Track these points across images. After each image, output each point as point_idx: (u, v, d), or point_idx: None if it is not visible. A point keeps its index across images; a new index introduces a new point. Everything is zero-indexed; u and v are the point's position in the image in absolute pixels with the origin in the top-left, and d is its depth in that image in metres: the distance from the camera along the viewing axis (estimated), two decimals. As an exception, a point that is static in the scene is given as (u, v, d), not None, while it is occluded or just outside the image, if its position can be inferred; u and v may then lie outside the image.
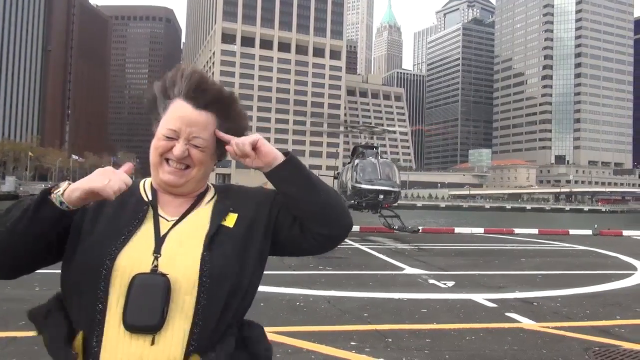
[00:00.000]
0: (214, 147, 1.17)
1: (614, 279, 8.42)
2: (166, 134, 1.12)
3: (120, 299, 1.04)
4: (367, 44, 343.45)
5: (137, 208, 1.15)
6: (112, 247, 1.07)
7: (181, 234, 1.13)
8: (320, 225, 1.15)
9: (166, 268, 1.06)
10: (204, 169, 1.17)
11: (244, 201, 1.21)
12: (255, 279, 1.17)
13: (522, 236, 18.31)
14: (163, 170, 1.14)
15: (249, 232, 1.16)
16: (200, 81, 1.14)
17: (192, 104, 1.12)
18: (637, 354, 4.30)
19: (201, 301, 1.06)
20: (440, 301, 6.44)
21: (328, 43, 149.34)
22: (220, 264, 1.09)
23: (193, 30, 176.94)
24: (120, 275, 1.05)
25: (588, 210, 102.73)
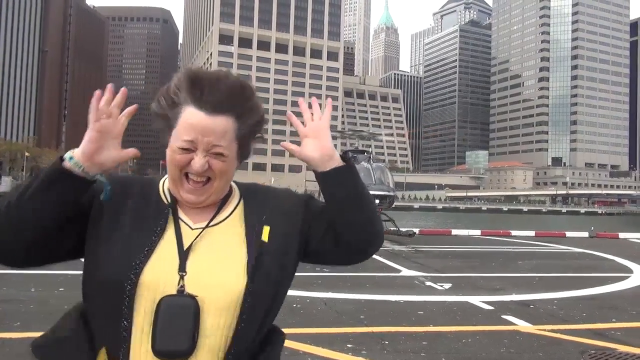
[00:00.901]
0: (236, 152, 1.07)
1: (610, 282, 8.44)
2: (181, 146, 1.02)
3: (146, 319, 0.98)
4: (365, 46, 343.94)
5: (158, 212, 1.07)
6: (137, 260, 1.00)
7: (210, 248, 1.05)
8: (361, 239, 1.09)
9: (194, 287, 0.99)
10: (227, 177, 1.08)
11: (275, 209, 1.12)
12: (286, 292, 1.13)
13: (519, 238, 18.34)
14: (183, 188, 1.05)
15: (284, 248, 1.09)
16: (209, 82, 1.02)
17: (204, 110, 1.01)
18: (632, 357, 4.31)
19: (240, 322, 1.01)
20: (437, 303, 6.44)
21: (325, 44, 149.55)
22: (263, 284, 1.03)
23: (190, 31, 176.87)
24: (146, 292, 0.99)
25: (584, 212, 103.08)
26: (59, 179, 0.96)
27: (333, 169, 1.07)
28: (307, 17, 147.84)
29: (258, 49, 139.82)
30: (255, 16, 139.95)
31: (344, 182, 1.07)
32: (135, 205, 1.06)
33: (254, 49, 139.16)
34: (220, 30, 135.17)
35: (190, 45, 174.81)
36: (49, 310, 5.31)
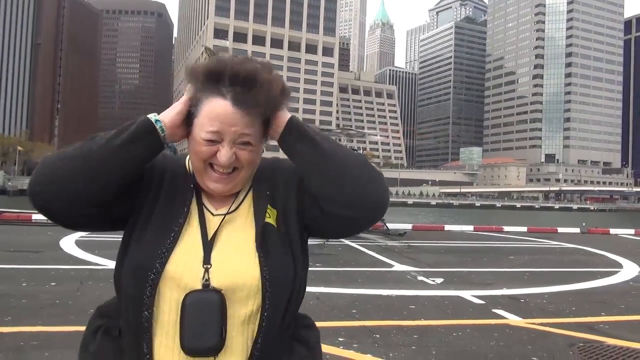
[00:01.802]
0: (262, 135, 1.04)
1: (600, 277, 8.51)
2: (207, 138, 0.99)
3: (171, 313, 0.98)
4: (360, 41, 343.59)
5: (183, 195, 1.06)
6: (163, 248, 0.99)
7: (229, 236, 1.04)
8: (338, 205, 1.00)
9: (219, 280, 0.98)
10: (254, 166, 1.06)
11: (279, 186, 1.09)
12: (305, 274, 1.09)
13: (511, 234, 18.43)
14: (209, 178, 1.03)
15: (288, 226, 1.06)
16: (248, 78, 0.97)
17: (233, 101, 0.97)
18: (620, 350, 4.36)
19: (263, 311, 1.00)
20: (428, 298, 6.47)
21: (321, 40, 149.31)
22: (278, 268, 1.01)
23: (185, 25, 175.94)
24: (170, 284, 0.98)
25: (577, 208, 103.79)
26: (148, 134, 0.98)
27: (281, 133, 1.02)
28: (303, 12, 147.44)
29: (253, 43, 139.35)
30: (250, 10, 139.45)
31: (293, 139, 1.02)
32: (168, 185, 1.06)
33: (249, 43, 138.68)
34: (215, 25, 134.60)
35: (185, 39, 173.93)
36: (40, 304, 5.31)
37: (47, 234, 12.23)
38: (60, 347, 3.95)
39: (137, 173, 1.01)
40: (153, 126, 0.99)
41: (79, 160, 0.95)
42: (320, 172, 0.99)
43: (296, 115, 1.03)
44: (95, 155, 0.95)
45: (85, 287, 6.25)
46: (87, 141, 0.98)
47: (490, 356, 4.15)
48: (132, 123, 0.99)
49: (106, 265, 7.86)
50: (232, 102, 0.97)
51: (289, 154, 1.03)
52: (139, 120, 1.00)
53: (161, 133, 0.99)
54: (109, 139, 0.97)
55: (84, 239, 11.20)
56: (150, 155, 1.01)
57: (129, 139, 0.97)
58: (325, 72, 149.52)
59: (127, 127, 0.99)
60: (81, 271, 7.32)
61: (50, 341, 4.10)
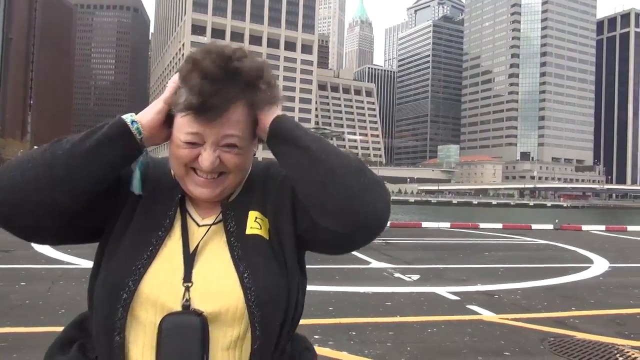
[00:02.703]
0: (252, 136, 0.92)
1: (571, 272, 8.72)
2: (186, 140, 0.87)
3: (147, 338, 0.86)
4: (339, 39, 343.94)
5: (166, 203, 0.94)
6: (138, 264, 0.87)
7: (216, 249, 0.91)
8: (327, 216, 0.85)
9: (201, 300, 0.86)
10: (244, 170, 0.94)
11: (268, 192, 0.97)
12: (303, 293, 0.97)
13: (487, 230, 18.73)
14: (193, 183, 0.91)
15: (278, 236, 0.94)
16: (229, 69, 0.85)
17: None
18: (589, 343, 4.48)
19: (253, 337, 0.88)
20: (404, 294, 6.53)
21: (300, 37, 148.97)
22: (268, 287, 0.88)
23: (162, 20, 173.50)
24: (145, 304, 0.86)
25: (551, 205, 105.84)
26: (123, 136, 0.86)
27: (267, 130, 0.90)
28: (282, 9, 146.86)
29: (231, 40, 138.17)
30: (228, 7, 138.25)
31: (278, 140, 0.89)
32: (150, 192, 0.94)
33: (227, 40, 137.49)
34: (192, 21, 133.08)
35: (162, 35, 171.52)
36: (10, 305, 5.19)
37: (18, 233, 11.91)
38: (30, 348, 3.86)
39: (111, 179, 0.88)
40: (128, 128, 0.86)
41: (42, 167, 0.82)
42: (309, 178, 0.85)
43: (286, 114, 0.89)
44: (60, 161, 0.82)
45: (57, 287, 6.13)
46: (52, 144, 0.86)
47: (463, 351, 4.21)
48: (105, 124, 0.87)
49: (79, 264, 7.72)
50: None
51: (275, 156, 0.91)
52: (112, 121, 0.88)
53: (138, 135, 0.87)
54: (75, 142, 0.85)
55: (56, 238, 10.98)
56: (125, 161, 0.88)
57: (99, 143, 0.84)
58: (304, 69, 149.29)
59: (98, 129, 0.87)
60: (53, 270, 7.17)
61: (19, 342, 4.00)
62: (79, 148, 0.83)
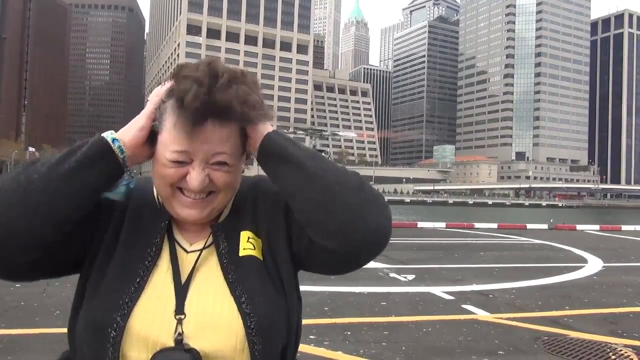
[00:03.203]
0: (241, 153, 0.85)
1: (566, 272, 8.77)
2: (173, 159, 0.81)
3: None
4: (335, 39, 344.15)
5: (151, 229, 0.86)
6: (125, 298, 0.80)
7: (209, 276, 0.85)
8: (326, 235, 0.80)
9: (194, 333, 0.80)
10: (233, 188, 0.88)
11: (261, 207, 0.92)
12: (300, 310, 0.91)
13: (482, 230, 18.79)
14: (179, 204, 0.84)
15: (273, 257, 0.88)
16: (214, 88, 0.77)
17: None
18: (582, 342, 4.51)
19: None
20: (399, 294, 6.56)
21: (295, 37, 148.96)
22: (269, 314, 0.83)
23: (157, 20, 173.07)
24: (137, 342, 0.79)
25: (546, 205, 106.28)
26: (104, 156, 0.79)
27: (258, 150, 0.84)
28: (277, 9, 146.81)
29: (227, 40, 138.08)
30: (224, 7, 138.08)
31: (270, 158, 0.83)
32: (132, 218, 0.87)
33: (223, 40, 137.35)
34: (188, 21, 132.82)
35: (157, 35, 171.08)
36: (4, 307, 5.18)
37: (12, 234, 11.88)
38: (25, 350, 3.86)
39: (91, 205, 0.81)
40: (109, 147, 0.79)
41: (15, 193, 0.74)
42: (305, 196, 0.80)
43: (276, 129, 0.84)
44: (37, 186, 0.74)
45: (52, 288, 6.09)
46: (25, 168, 0.77)
47: (458, 351, 4.23)
48: (84, 144, 0.80)
49: (74, 265, 7.70)
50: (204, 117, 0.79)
51: (268, 174, 0.85)
52: (91, 140, 0.80)
53: (120, 155, 0.80)
54: (52, 164, 0.76)
55: (51, 239, 10.96)
56: (107, 183, 0.81)
57: (79, 164, 0.77)
58: (300, 69, 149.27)
59: (76, 149, 0.79)
60: (48, 272, 7.15)
61: (14, 344, 4.00)
62: (57, 171, 0.75)
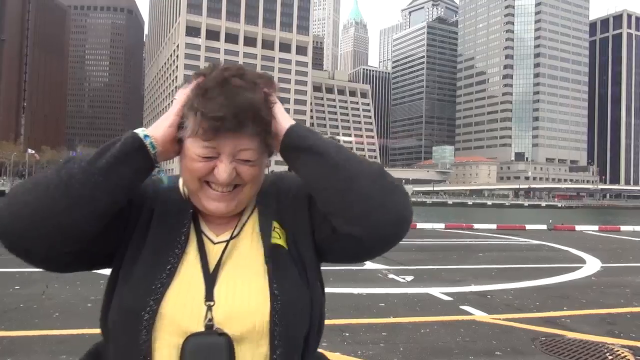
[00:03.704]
0: (265, 147, 0.88)
1: (564, 272, 8.79)
2: (203, 154, 0.85)
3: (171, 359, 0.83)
4: (334, 40, 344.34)
5: (179, 221, 0.91)
6: (157, 283, 0.85)
7: (236, 265, 0.89)
8: (349, 222, 0.84)
9: (223, 319, 0.84)
10: (258, 181, 0.92)
11: (286, 204, 0.96)
12: (323, 305, 0.96)
13: (481, 231, 18.82)
14: (207, 197, 0.88)
15: (297, 247, 0.93)
16: (238, 102, 0.82)
17: None
18: (579, 342, 4.53)
19: (275, 353, 0.85)
20: (398, 295, 6.57)
21: (294, 38, 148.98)
22: (294, 301, 0.87)
23: (156, 22, 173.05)
24: (168, 326, 0.83)
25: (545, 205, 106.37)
26: (138, 152, 0.84)
27: (281, 143, 0.88)
28: (276, 11, 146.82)
29: (226, 41, 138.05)
30: (223, 8, 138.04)
31: (293, 150, 0.87)
32: (160, 211, 0.92)
33: (222, 41, 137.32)
34: (187, 22, 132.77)
35: (156, 37, 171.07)
36: (4, 308, 5.20)
37: (12, 236, 11.87)
38: (24, 352, 3.88)
39: (127, 198, 0.86)
40: (142, 142, 0.84)
41: (58, 188, 0.78)
42: (328, 186, 0.84)
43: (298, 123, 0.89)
44: (77, 180, 0.78)
45: (51, 290, 6.13)
46: (65, 164, 0.81)
47: (455, 351, 4.25)
48: (117, 140, 0.84)
49: (73, 267, 7.71)
50: None
51: (292, 167, 0.90)
52: (124, 136, 0.85)
53: (152, 150, 0.85)
54: (90, 160, 0.81)
55: (50, 241, 10.95)
56: (140, 177, 0.86)
57: (115, 159, 0.81)
58: (299, 70, 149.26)
59: (110, 145, 0.83)
60: (47, 274, 7.13)
61: (14, 346, 4.01)
62: (95, 165, 0.80)
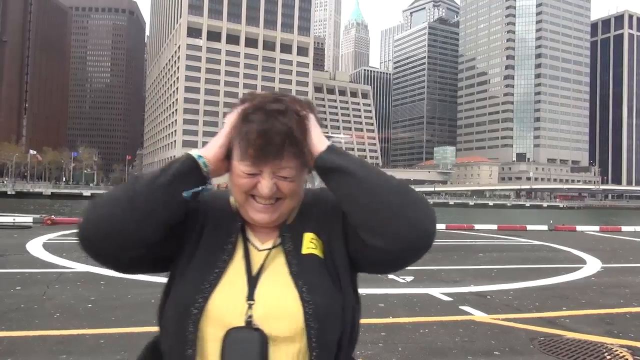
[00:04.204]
0: (303, 165, 1.01)
1: (564, 272, 8.79)
2: (247, 172, 0.98)
3: (214, 350, 0.96)
4: (335, 41, 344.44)
5: (228, 231, 1.05)
6: (206, 284, 0.98)
7: (275, 270, 1.01)
8: (372, 235, 0.94)
9: (261, 317, 0.95)
10: (298, 196, 1.05)
11: (321, 216, 1.06)
12: (358, 312, 1.05)
13: (482, 232, 18.81)
14: (252, 209, 1.02)
15: (332, 257, 1.03)
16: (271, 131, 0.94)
17: None
18: (578, 342, 4.54)
19: (312, 354, 0.95)
20: (398, 296, 6.58)
21: (295, 39, 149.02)
22: (325, 304, 0.96)
23: (157, 23, 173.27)
24: (213, 320, 0.96)
25: (547, 206, 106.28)
26: (192, 171, 0.99)
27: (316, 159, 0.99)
28: (277, 12, 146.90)
29: (227, 42, 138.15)
30: (224, 9, 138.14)
31: (325, 169, 0.98)
32: (213, 222, 1.06)
33: (223, 42, 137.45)
34: (188, 23, 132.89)
35: (158, 38, 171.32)
36: (4, 309, 5.22)
37: (13, 237, 11.95)
38: (24, 352, 3.90)
39: (183, 212, 1.00)
40: (196, 163, 0.99)
41: (126, 202, 0.95)
42: (353, 201, 0.95)
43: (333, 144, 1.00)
44: (142, 196, 0.95)
45: (52, 290, 6.15)
46: (133, 181, 0.99)
47: (454, 351, 4.26)
48: (176, 161, 1.00)
49: (74, 268, 7.74)
50: None
51: (325, 184, 1.01)
52: (181, 158, 1.01)
53: (204, 169, 0.99)
54: (152, 178, 0.97)
55: (51, 242, 10.98)
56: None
57: (173, 178, 0.97)
58: (300, 71, 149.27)
59: (170, 166, 0.99)
60: (48, 275, 7.19)
61: (14, 346, 4.03)
62: (156, 183, 0.96)
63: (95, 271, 7.41)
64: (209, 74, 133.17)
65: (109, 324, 4.75)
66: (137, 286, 6.42)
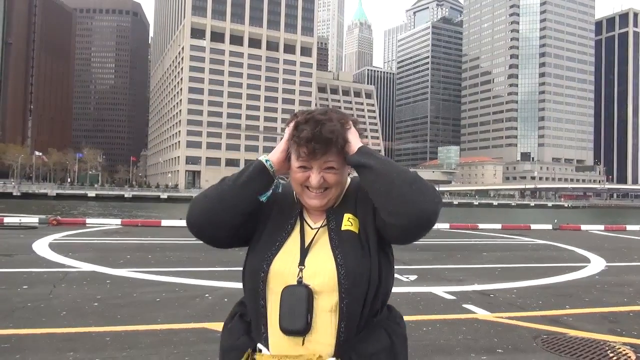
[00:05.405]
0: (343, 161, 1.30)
1: (568, 271, 8.77)
2: (300, 167, 1.28)
3: (275, 301, 1.25)
4: (338, 41, 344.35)
5: (289, 214, 1.36)
6: (269, 254, 1.29)
7: (322, 243, 1.30)
8: (389, 215, 1.21)
9: (309, 278, 1.24)
10: (342, 185, 1.34)
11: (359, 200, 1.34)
12: (387, 273, 1.32)
13: (486, 231, 18.77)
14: (307, 197, 1.31)
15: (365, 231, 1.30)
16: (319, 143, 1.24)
17: None
18: (581, 340, 4.55)
19: (343, 302, 1.22)
20: (401, 294, 6.59)
21: (299, 39, 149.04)
22: (354, 268, 1.24)
23: (161, 24, 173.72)
24: (274, 279, 1.26)
25: (551, 205, 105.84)
26: (262, 173, 1.29)
27: (353, 154, 1.27)
28: (281, 12, 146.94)
29: (231, 43, 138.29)
30: (227, 10, 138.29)
31: (355, 165, 1.27)
32: (280, 206, 1.37)
33: (227, 43, 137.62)
34: (192, 24, 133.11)
35: (162, 39, 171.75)
36: (12, 307, 5.26)
37: (19, 237, 12.03)
38: (32, 349, 3.94)
39: (257, 203, 1.31)
40: (264, 166, 1.29)
41: (217, 198, 1.28)
42: (375, 190, 1.22)
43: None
44: (228, 194, 1.27)
45: (58, 289, 6.20)
46: (220, 182, 1.31)
47: (457, 349, 4.27)
48: (250, 165, 1.31)
49: (80, 267, 7.79)
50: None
51: (358, 175, 1.29)
52: (254, 162, 1.31)
53: (271, 170, 1.29)
54: (234, 179, 1.29)
55: (57, 242, 11.05)
56: (265, 188, 1.31)
57: (249, 179, 1.28)
58: (304, 72, 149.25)
59: (246, 169, 1.30)
60: (54, 274, 7.24)
61: (22, 344, 4.07)
62: (237, 183, 1.28)
63: (101, 271, 7.46)
64: (213, 75, 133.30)
65: (115, 322, 4.79)
66: (142, 285, 6.46)
